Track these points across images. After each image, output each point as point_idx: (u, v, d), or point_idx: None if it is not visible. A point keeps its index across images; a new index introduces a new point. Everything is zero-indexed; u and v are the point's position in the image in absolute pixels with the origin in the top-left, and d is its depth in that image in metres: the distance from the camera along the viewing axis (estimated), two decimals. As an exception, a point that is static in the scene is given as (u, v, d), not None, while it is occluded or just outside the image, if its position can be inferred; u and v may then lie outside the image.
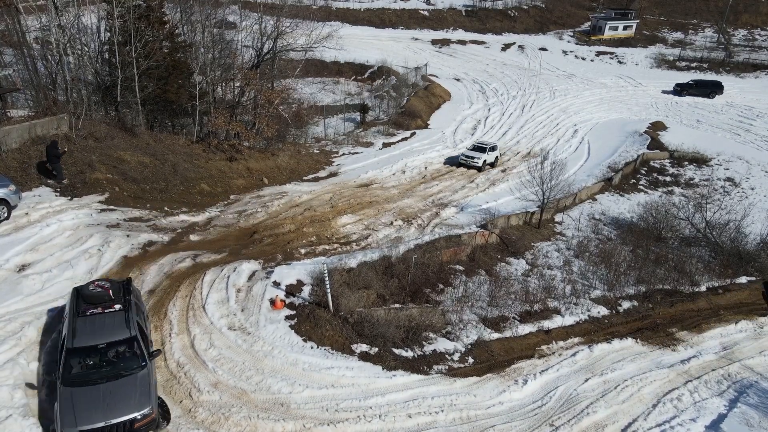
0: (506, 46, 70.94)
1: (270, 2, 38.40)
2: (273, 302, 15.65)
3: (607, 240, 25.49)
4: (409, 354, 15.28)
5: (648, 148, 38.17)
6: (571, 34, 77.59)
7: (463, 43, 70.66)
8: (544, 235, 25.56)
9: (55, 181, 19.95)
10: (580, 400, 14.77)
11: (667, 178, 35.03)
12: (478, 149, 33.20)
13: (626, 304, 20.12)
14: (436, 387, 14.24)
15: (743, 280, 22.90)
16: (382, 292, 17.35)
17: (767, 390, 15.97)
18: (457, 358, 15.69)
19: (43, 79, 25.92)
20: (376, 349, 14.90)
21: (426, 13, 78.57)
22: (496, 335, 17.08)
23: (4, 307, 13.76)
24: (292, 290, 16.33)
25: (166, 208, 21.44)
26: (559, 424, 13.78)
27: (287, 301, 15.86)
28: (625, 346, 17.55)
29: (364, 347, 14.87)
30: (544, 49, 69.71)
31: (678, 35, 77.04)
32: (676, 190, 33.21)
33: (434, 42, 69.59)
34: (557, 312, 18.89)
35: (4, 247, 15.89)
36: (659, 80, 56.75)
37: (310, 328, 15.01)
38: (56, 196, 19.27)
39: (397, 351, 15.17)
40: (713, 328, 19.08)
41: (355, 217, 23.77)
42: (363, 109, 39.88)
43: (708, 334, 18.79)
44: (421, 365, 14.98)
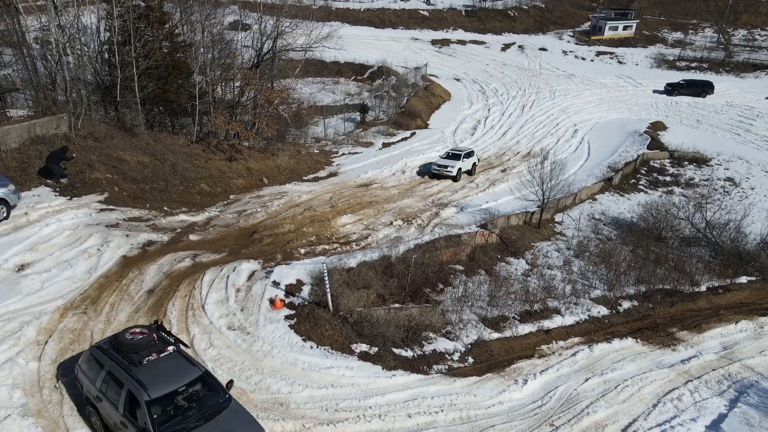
0: (506, 46, 70.93)
1: (270, 2, 38.38)
2: (272, 302, 15.63)
3: (607, 240, 25.47)
4: (409, 354, 15.26)
5: (648, 148, 38.15)
6: (571, 34, 77.57)
7: (463, 43, 70.65)
8: (544, 234, 25.54)
9: (53, 181, 19.93)
10: (580, 400, 14.75)
11: (667, 178, 35.01)
12: (453, 156, 30.81)
13: (626, 304, 20.10)
14: (435, 387, 14.22)
15: (743, 279, 22.90)
16: (381, 292, 17.33)
17: (767, 390, 15.95)
18: (456, 357, 15.66)
19: (43, 79, 25.91)
20: (376, 349, 14.88)
21: (426, 13, 78.56)
22: (496, 335, 17.05)
23: (3, 307, 13.76)
24: (292, 290, 16.30)
25: (166, 208, 21.42)
26: (559, 424, 13.76)
27: (287, 301, 15.84)
28: (626, 346, 17.53)
29: (363, 347, 14.85)
30: (544, 49, 69.69)
31: (678, 35, 77.04)
32: (676, 190, 33.19)
33: (434, 42, 69.57)
34: (557, 312, 18.87)
35: (3, 246, 15.88)
36: (659, 80, 56.63)
37: (309, 328, 14.99)
38: (55, 196, 19.26)
39: (396, 351, 15.15)
40: (713, 328, 19.07)
41: (355, 217, 23.75)
42: (363, 109, 39.86)
43: (708, 333, 18.77)
44: (420, 365, 14.95)
